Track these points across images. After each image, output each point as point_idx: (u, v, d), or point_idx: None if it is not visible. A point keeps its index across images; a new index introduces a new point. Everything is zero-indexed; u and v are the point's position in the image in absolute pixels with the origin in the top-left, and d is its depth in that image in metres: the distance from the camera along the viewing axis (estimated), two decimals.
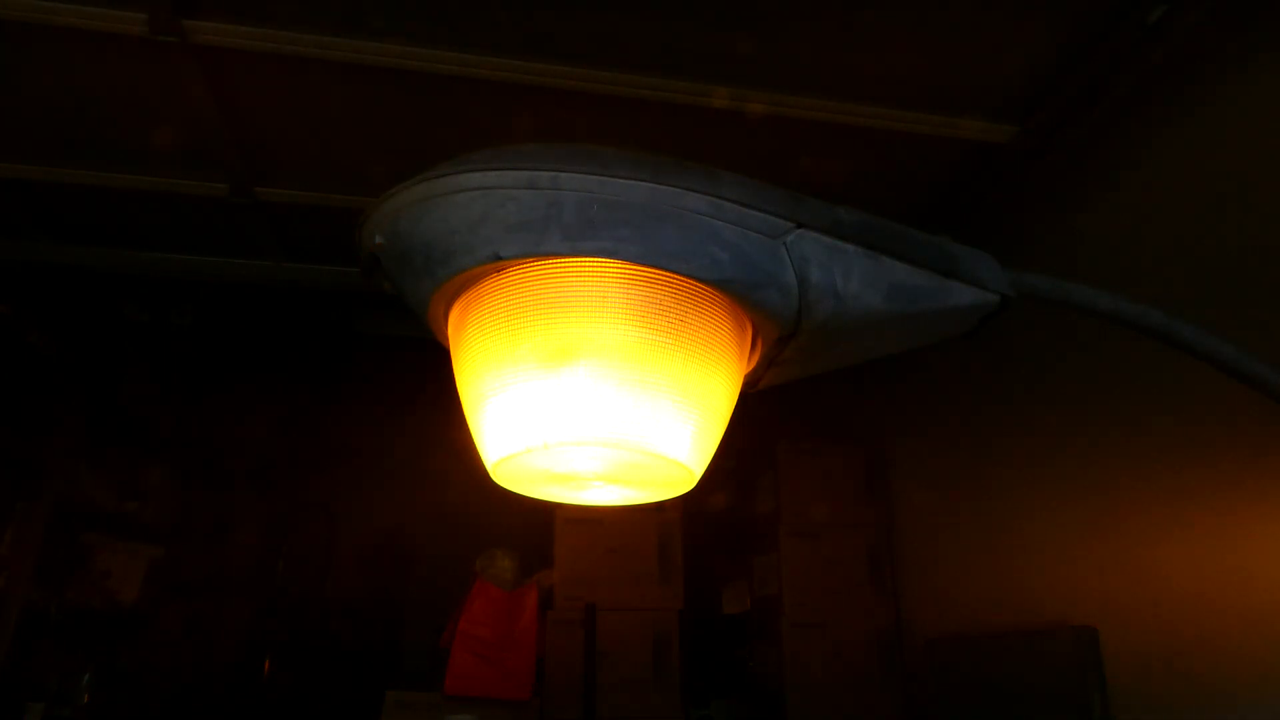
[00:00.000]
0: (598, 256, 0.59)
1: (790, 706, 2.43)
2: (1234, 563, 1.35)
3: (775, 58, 1.52)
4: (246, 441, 3.43)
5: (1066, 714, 1.64)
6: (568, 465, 0.67)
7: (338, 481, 3.43)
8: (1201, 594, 1.41)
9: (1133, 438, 1.59)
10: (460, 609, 2.71)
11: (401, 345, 2.38)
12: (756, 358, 0.71)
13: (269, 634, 3.26)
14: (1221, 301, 1.38)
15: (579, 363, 0.61)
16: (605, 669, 2.56)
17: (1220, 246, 1.42)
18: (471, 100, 1.63)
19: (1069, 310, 0.76)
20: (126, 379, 3.07)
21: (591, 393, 0.61)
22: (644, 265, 0.59)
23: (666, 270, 0.60)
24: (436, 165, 0.61)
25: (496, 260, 0.60)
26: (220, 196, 1.94)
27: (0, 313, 2.48)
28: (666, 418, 0.62)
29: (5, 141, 1.80)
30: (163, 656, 3.08)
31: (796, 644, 2.49)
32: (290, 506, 3.42)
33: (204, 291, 2.45)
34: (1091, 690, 1.60)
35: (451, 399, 0.70)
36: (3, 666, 2.67)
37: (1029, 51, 1.52)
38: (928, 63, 1.54)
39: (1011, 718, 1.85)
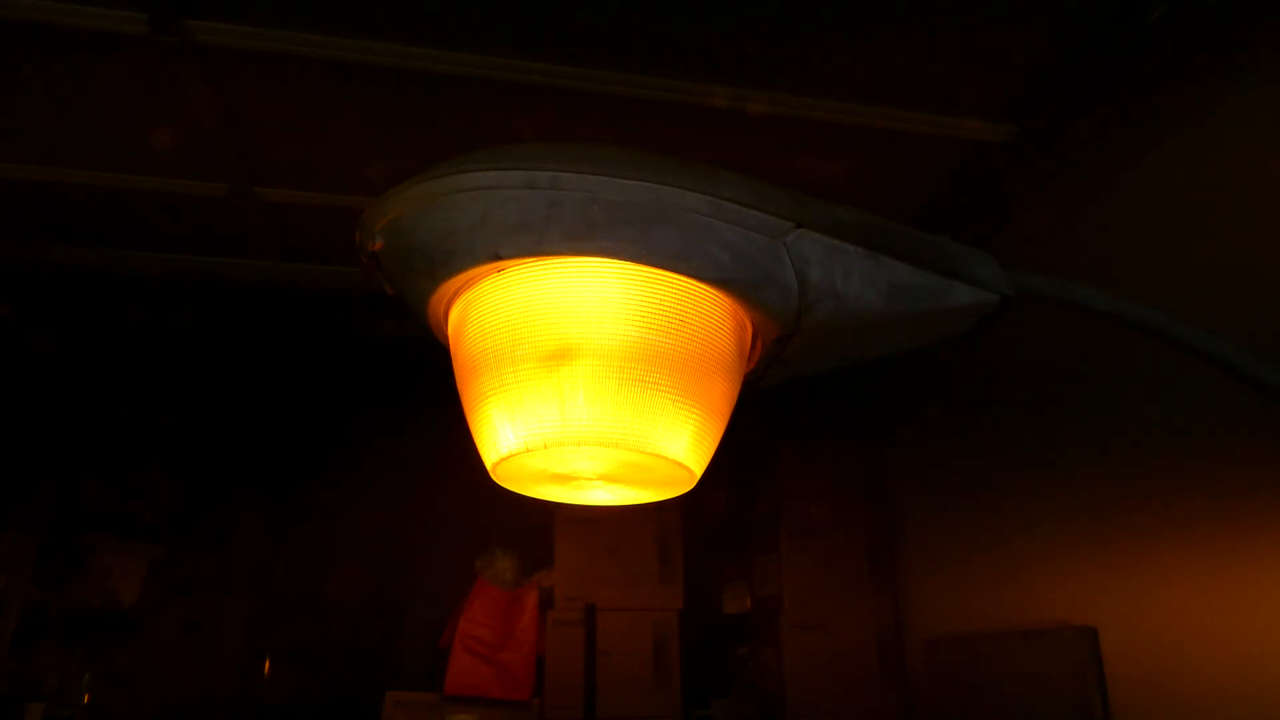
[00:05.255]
0: (598, 256, 0.59)
1: (790, 707, 2.43)
2: (1235, 561, 1.35)
3: (775, 57, 1.52)
4: (246, 442, 3.44)
5: (1066, 714, 1.64)
6: (568, 465, 0.67)
7: (338, 481, 3.43)
8: (1202, 593, 1.41)
9: (1133, 437, 1.59)
10: (460, 609, 2.71)
11: (401, 345, 2.37)
12: (757, 357, 0.71)
13: (269, 634, 3.26)
14: (1222, 301, 1.38)
15: (579, 362, 0.61)
16: (605, 669, 2.56)
17: (1221, 246, 1.42)
18: (471, 100, 1.63)
19: (1069, 310, 0.76)
20: (127, 379, 3.07)
21: (591, 393, 0.61)
22: (644, 265, 0.59)
23: (666, 270, 0.60)
24: (436, 165, 0.61)
25: (496, 260, 0.60)
26: (220, 196, 1.94)
27: (0, 313, 2.48)
28: (666, 418, 0.62)
29: (6, 141, 1.80)
30: (163, 656, 3.08)
31: (796, 644, 2.49)
32: (290, 506, 3.42)
33: (204, 292, 2.45)
34: (1091, 690, 1.60)
35: (451, 399, 0.70)
36: (3, 666, 2.67)
37: (1029, 51, 1.52)
38: (928, 63, 1.54)
39: (1011, 718, 1.85)
